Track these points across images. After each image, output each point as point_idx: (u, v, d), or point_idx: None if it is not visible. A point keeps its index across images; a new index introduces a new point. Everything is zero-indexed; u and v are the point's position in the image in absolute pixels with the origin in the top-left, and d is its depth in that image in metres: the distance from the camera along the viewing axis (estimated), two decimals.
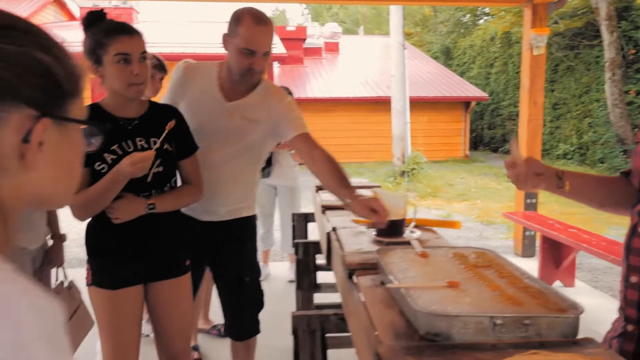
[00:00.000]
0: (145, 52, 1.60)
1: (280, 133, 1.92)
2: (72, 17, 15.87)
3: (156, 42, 10.20)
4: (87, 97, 0.68)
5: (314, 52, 16.39)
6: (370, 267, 1.37)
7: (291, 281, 3.85)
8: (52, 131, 0.57)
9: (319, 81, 14.49)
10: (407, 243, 1.56)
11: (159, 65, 2.77)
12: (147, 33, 1.71)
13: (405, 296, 1.02)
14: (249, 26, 1.74)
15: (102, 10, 1.59)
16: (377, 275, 1.31)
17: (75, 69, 0.61)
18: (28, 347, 0.45)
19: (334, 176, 1.75)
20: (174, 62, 2.75)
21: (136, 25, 1.62)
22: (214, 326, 3.12)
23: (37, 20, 13.12)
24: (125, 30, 1.56)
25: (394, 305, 1.11)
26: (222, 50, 1.84)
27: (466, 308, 0.98)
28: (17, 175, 0.54)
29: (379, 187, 2.51)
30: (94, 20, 1.59)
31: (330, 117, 13.29)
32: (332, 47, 17.19)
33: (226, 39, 1.82)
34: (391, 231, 1.64)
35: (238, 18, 1.78)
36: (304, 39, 15.88)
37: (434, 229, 1.86)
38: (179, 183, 1.83)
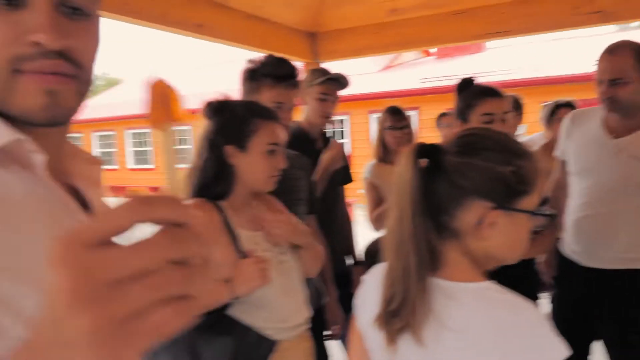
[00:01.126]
0: (507, 112, 1.73)
1: None
2: (428, 53, 17.70)
3: (503, 68, 10.37)
4: None
5: None
6: None
7: None
8: (502, 216, 0.79)
9: None
10: None
11: (515, 105, 2.84)
12: (495, 57, 1.88)
13: None
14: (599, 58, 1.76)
15: (472, 78, 1.84)
16: None
17: (528, 174, 0.79)
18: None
19: None
20: (524, 88, 2.82)
21: (485, 52, 1.81)
22: None
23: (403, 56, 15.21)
24: (492, 94, 1.73)
25: None
26: (574, 71, 1.81)
27: None
28: (476, 241, 0.81)
29: None
30: (466, 85, 1.83)
31: None
32: None
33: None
34: None
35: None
36: None
37: None
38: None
